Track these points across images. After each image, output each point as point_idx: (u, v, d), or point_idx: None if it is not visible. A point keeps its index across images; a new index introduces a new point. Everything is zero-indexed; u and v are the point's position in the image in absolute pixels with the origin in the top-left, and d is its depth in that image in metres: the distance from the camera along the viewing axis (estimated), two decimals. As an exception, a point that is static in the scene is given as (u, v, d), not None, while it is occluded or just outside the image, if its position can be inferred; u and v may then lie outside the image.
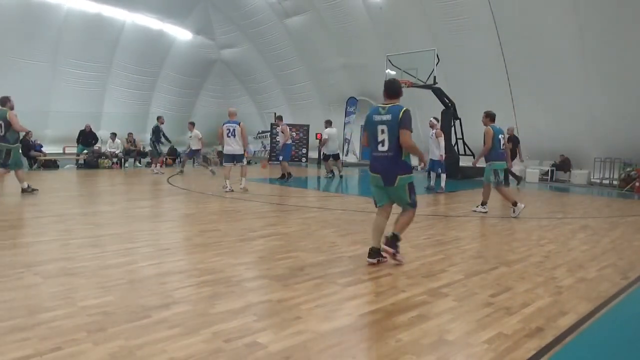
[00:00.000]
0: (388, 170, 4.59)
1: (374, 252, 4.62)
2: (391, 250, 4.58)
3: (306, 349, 2.67)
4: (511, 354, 2.71)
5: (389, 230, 4.71)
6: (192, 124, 15.85)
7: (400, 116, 4.45)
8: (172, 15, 23.43)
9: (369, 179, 4.82)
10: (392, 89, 4.71)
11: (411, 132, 4.51)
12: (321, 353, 2.63)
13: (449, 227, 6.97)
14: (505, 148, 8.40)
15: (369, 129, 4.69)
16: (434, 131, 11.75)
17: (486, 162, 8.25)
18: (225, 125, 10.25)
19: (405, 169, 4.64)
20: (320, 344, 2.75)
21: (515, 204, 8.03)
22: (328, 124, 15.11)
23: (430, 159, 11.70)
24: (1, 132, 8.68)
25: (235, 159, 10.48)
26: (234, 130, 10.14)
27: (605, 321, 3.36)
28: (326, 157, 14.98)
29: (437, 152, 11.57)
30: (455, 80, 17.47)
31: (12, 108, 8.99)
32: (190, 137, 15.72)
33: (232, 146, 10.25)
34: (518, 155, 14.09)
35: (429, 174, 12.11)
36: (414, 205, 4.79)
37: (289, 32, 22.95)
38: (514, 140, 13.68)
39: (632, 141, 14.61)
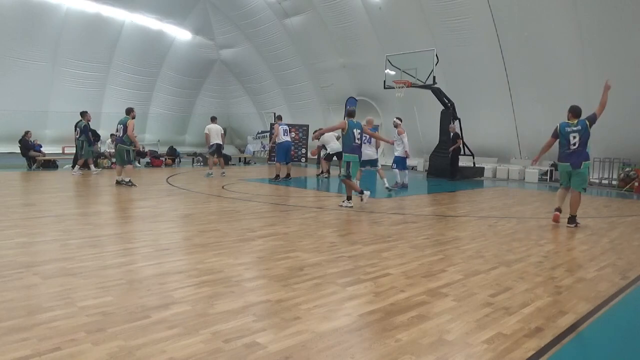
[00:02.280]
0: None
1: (571, 218, 7.22)
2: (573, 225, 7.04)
3: (305, 349, 2.67)
4: (510, 354, 2.71)
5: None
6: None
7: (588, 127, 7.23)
8: (172, 15, 23.44)
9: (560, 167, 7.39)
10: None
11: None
12: (320, 353, 2.64)
13: (448, 227, 6.98)
14: (360, 142, 8.58)
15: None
16: (397, 130, 12.05)
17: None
18: (357, 131, 9.82)
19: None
20: (320, 344, 2.75)
21: (361, 192, 8.52)
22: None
23: (395, 156, 12.12)
24: (120, 134, 10.81)
25: (370, 163, 11.18)
26: (369, 137, 10.52)
27: (604, 321, 3.36)
28: (329, 157, 14.93)
29: (400, 149, 11.93)
30: (454, 80, 17.49)
31: (134, 117, 10.98)
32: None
33: (368, 151, 10.76)
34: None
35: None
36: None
37: (288, 32, 22.96)
38: (454, 136, 15.20)
39: (631, 141, 14.62)
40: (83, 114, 14.14)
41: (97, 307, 3.18)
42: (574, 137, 7.44)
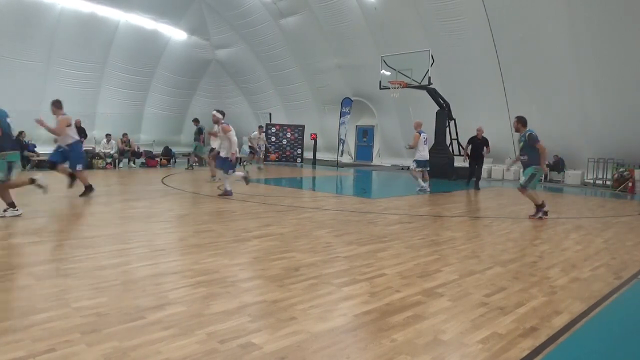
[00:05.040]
0: None
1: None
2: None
3: (301, 350, 2.67)
4: (505, 354, 2.72)
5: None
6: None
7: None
8: (167, 15, 23.37)
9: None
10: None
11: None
12: (316, 353, 2.64)
13: (443, 227, 6.99)
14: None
15: None
16: (219, 126, 9.59)
17: None
18: (423, 135, 11.61)
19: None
20: (315, 344, 2.75)
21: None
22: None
23: (219, 157, 9.86)
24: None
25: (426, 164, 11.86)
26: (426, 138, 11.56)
27: (598, 321, 3.38)
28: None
29: (225, 149, 9.52)
30: (449, 81, 17.54)
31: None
32: (252, 138, 16.72)
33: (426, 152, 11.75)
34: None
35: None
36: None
37: (283, 32, 22.95)
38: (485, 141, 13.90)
39: (625, 142, 14.72)
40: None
41: (91, 308, 3.17)
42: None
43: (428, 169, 11.90)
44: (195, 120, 16.95)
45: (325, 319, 3.14)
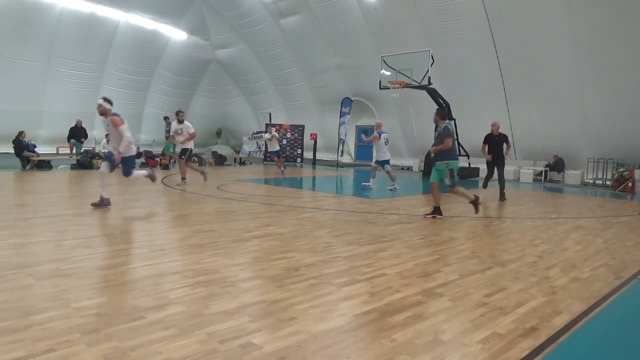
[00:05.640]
0: None
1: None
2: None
3: (301, 350, 2.67)
4: (505, 354, 2.72)
5: None
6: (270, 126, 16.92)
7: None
8: (167, 15, 23.38)
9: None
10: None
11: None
12: (316, 353, 2.63)
13: (443, 227, 6.99)
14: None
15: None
16: (108, 119, 7.77)
17: None
18: (383, 135, 11.71)
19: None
20: (315, 344, 2.75)
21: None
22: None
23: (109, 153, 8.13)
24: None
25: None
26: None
27: (598, 321, 3.38)
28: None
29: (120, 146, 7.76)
30: (449, 81, 17.54)
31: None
32: (269, 139, 16.43)
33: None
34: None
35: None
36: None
37: (283, 32, 22.95)
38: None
39: (625, 142, 14.72)
40: None
41: (91, 308, 3.17)
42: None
43: (389, 168, 11.93)
44: (166, 118, 16.73)
45: (325, 319, 3.14)
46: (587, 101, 15.13)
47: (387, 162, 11.94)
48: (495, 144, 10.65)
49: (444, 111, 8.14)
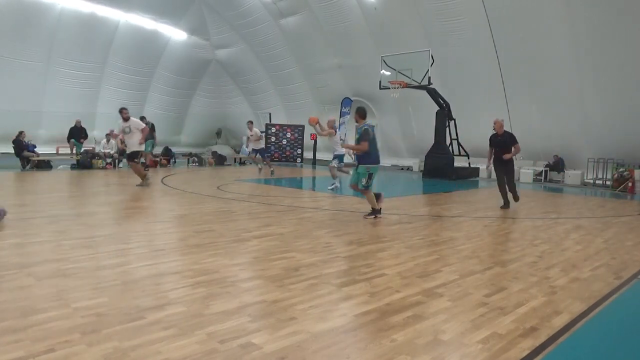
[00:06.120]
0: None
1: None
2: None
3: (301, 350, 2.67)
4: (505, 354, 2.72)
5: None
6: (251, 122, 16.32)
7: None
8: (167, 15, 23.39)
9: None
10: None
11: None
12: (316, 353, 2.64)
13: (443, 227, 6.99)
14: None
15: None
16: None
17: None
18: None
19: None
20: (315, 344, 2.75)
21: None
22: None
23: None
24: None
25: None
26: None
27: (598, 321, 3.38)
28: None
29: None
30: (449, 81, 17.55)
31: None
32: (250, 136, 15.98)
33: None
34: None
35: None
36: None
37: (283, 32, 22.96)
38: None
39: (624, 142, 14.72)
40: None
41: (91, 308, 3.17)
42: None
43: (335, 163, 11.62)
44: (142, 118, 16.15)
45: (325, 319, 3.14)
46: (587, 101, 15.14)
47: (341, 157, 11.57)
48: (500, 145, 9.02)
49: (364, 110, 7.58)
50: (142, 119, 15.80)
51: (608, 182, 15.04)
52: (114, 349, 2.58)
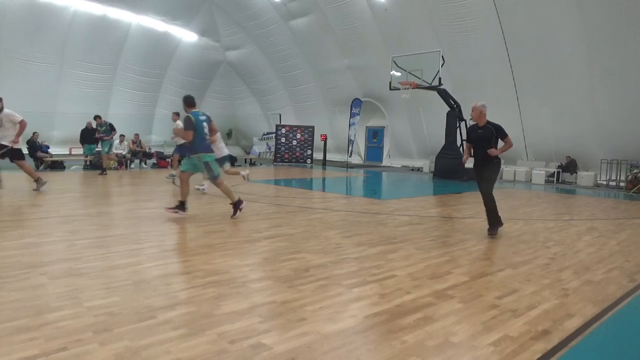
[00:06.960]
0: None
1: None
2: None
3: (311, 351, 2.67)
4: (517, 357, 2.70)
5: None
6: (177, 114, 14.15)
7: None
8: (178, 17, 23.56)
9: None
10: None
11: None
12: (326, 354, 2.63)
13: (454, 228, 6.95)
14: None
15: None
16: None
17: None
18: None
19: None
20: (325, 345, 2.75)
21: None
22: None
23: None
24: None
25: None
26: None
27: (611, 324, 3.34)
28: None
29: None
30: (460, 82, 17.45)
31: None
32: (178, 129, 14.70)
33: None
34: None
35: None
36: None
37: (293, 33, 23.01)
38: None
39: (638, 142, 14.52)
40: None
41: (103, 308, 3.20)
42: (205, 127, 7.18)
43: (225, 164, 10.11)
44: (97, 117, 15.46)
45: (335, 320, 3.13)
46: (599, 102, 14.96)
47: (228, 158, 10.32)
48: (480, 140, 6.41)
49: (190, 98, 7.22)
50: (97, 117, 14.93)
51: (622, 184, 14.83)
52: (125, 348, 2.61)
